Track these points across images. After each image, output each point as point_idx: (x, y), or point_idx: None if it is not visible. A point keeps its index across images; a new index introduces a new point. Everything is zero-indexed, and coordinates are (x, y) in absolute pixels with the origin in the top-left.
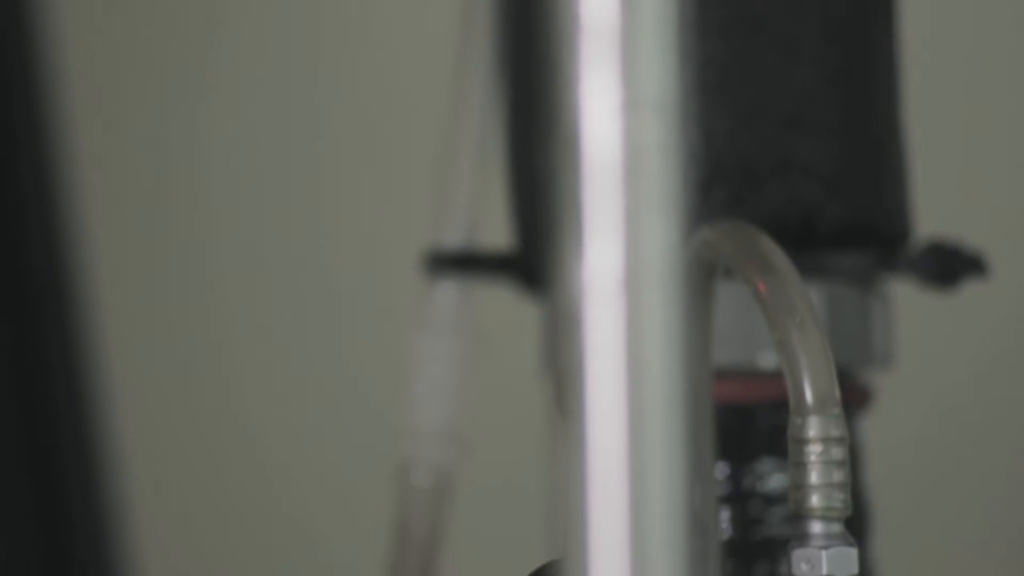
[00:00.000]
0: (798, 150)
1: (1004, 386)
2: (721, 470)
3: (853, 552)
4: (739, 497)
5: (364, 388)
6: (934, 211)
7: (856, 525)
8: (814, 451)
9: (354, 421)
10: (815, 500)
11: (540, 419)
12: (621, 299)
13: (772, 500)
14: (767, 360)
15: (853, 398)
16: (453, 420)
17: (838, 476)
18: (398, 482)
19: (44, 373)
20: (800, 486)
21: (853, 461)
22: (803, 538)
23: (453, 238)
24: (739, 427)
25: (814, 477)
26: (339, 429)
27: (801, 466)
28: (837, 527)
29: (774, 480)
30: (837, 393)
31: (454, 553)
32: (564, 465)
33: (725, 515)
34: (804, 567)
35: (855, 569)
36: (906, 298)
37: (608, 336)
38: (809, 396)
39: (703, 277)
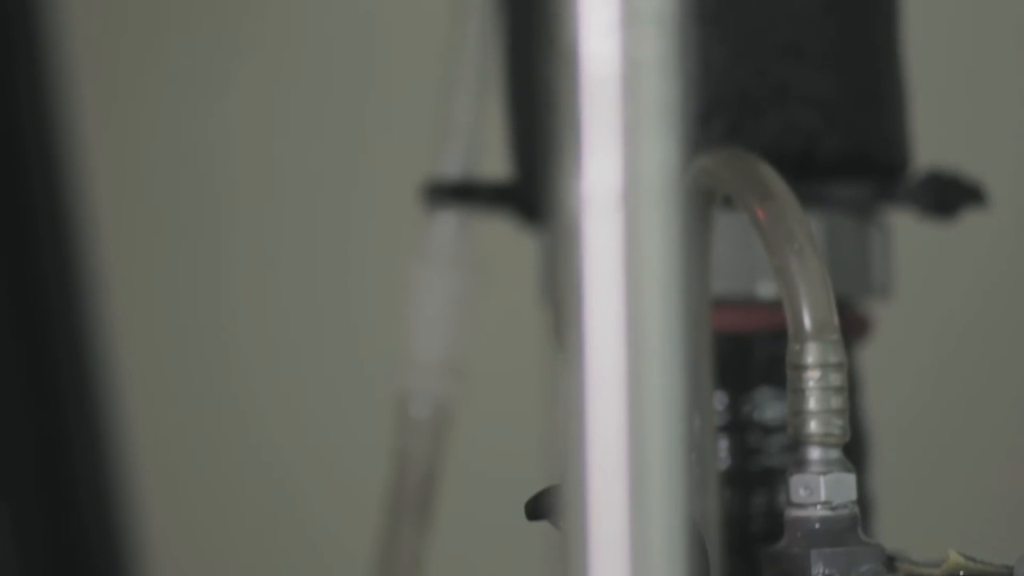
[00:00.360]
0: (796, 79)
1: (1002, 317)
2: (720, 399)
3: (851, 478)
4: (737, 426)
5: (363, 319)
6: (933, 141)
7: (854, 454)
8: (812, 377)
9: (353, 353)
10: (813, 426)
11: (539, 350)
12: (619, 213)
13: (770, 429)
14: (766, 289)
15: (851, 328)
16: (452, 351)
17: (836, 402)
18: (397, 414)
19: (52, 364)
20: (798, 412)
21: (851, 391)
22: (801, 464)
23: (452, 169)
24: (738, 356)
25: (812, 403)
26: (338, 360)
27: (799, 392)
28: (835, 453)
29: (773, 409)
30: (836, 319)
31: (453, 484)
32: (563, 392)
33: (723, 444)
34: (802, 493)
35: (853, 495)
36: (905, 228)
37: (607, 250)
38: (807, 322)
39: (702, 205)
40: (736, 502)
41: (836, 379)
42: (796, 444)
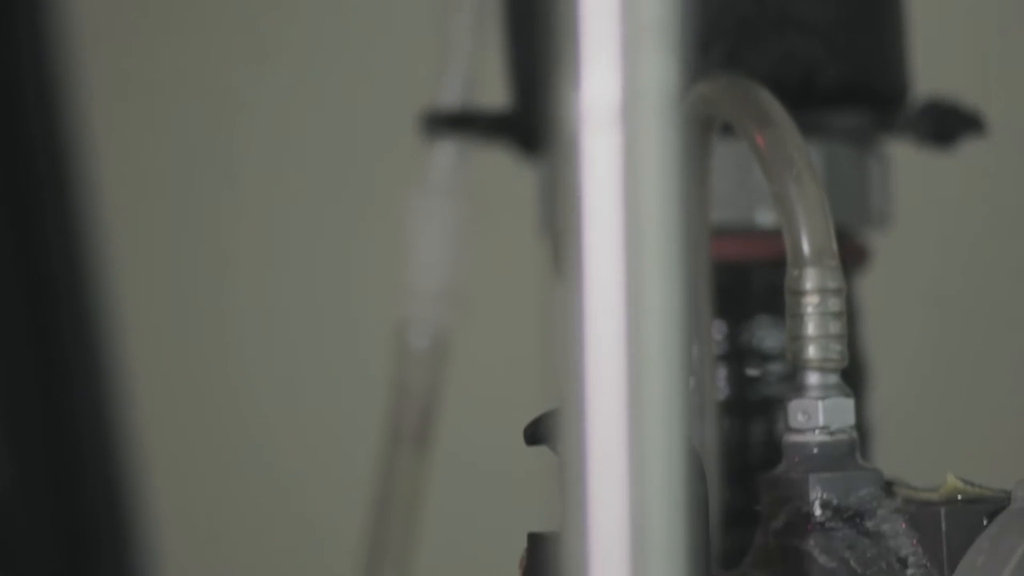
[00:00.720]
0: (795, 7)
1: (1000, 247)
2: (718, 329)
3: (850, 403)
4: (736, 355)
5: (362, 249)
6: (932, 70)
7: (852, 383)
8: (811, 302)
9: (352, 282)
10: (812, 351)
11: (537, 280)
12: (618, 128)
13: (769, 358)
14: (765, 218)
15: (850, 257)
16: (451, 281)
17: (835, 327)
18: (396, 343)
19: (62, 357)
20: (797, 337)
21: (850, 320)
22: (800, 389)
23: (451, 99)
24: (736, 286)
25: (811, 328)
26: (337, 290)
27: (798, 317)
28: (834, 378)
29: (771, 338)
30: (834, 245)
31: (451, 413)
32: (561, 310)
33: (722, 374)
34: (801, 418)
35: (851, 419)
36: (905, 158)
37: (605, 165)
38: (806, 247)
39: (700, 132)
40: (734, 431)
41: (835, 304)
42: (794, 369)
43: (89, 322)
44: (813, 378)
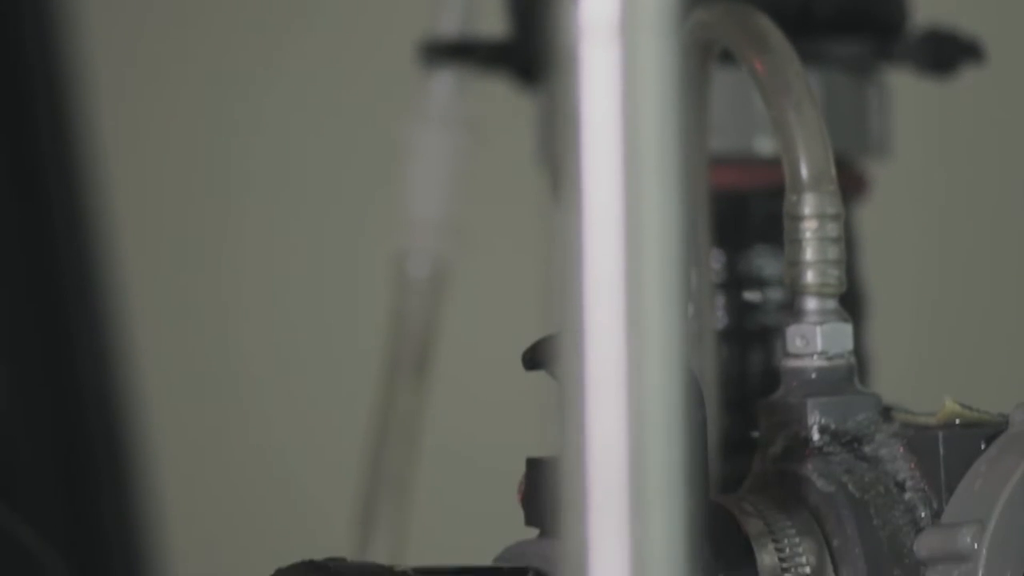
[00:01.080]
0: None
1: (1000, 176)
2: (717, 258)
3: (848, 328)
4: (735, 284)
5: (360, 179)
6: None
7: (851, 312)
8: (809, 228)
9: (351, 213)
10: (810, 276)
11: (535, 209)
12: (617, 42)
13: (768, 287)
14: (763, 146)
15: (849, 186)
16: (449, 210)
17: (833, 253)
18: (394, 273)
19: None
20: (795, 263)
21: (849, 249)
22: (798, 314)
23: (449, 27)
24: (735, 214)
25: (809, 254)
26: (336, 221)
27: (796, 243)
28: (832, 303)
29: (770, 267)
30: (833, 170)
31: (450, 343)
32: (560, 230)
33: (720, 302)
34: (799, 343)
35: (850, 344)
36: (904, 87)
37: (604, 78)
38: (805, 173)
39: (699, 58)
40: (733, 360)
41: (833, 230)
42: (793, 295)
43: (88, 261)
44: (811, 303)
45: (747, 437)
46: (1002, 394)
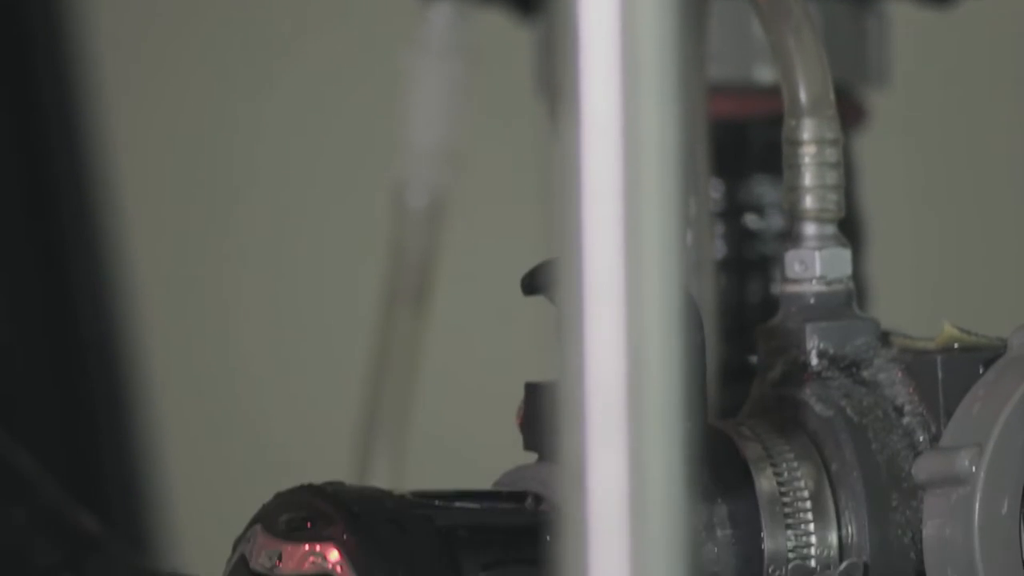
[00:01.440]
0: None
1: (997, 106)
2: (715, 187)
3: (846, 253)
4: (733, 213)
5: (359, 110)
6: None
7: (850, 242)
8: (808, 153)
9: (349, 143)
10: (809, 201)
11: (534, 139)
12: None
13: (766, 216)
14: (762, 74)
15: (848, 115)
16: (447, 140)
17: (832, 178)
18: (393, 202)
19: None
20: (794, 188)
21: (848, 179)
22: (797, 239)
23: None
24: (734, 143)
25: (808, 179)
26: (335, 150)
27: (795, 168)
28: (831, 228)
29: (769, 196)
30: (831, 95)
31: (449, 273)
32: (559, 154)
33: (719, 231)
34: (797, 268)
35: (848, 269)
36: (903, 17)
37: (603, 8)
38: (803, 97)
39: None
40: (731, 289)
41: (832, 155)
42: (791, 220)
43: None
44: (810, 228)
45: (746, 366)
46: (1000, 319)
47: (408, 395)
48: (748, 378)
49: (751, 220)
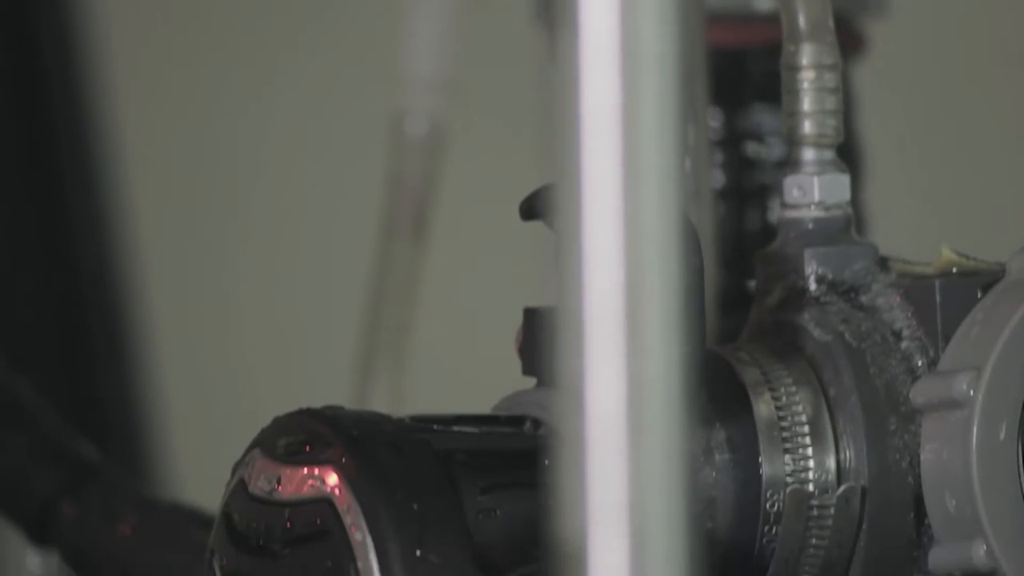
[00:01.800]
0: None
1: (996, 36)
2: (714, 115)
3: (845, 178)
4: (732, 142)
5: (358, 39)
6: None
7: (849, 169)
8: (807, 78)
9: (348, 72)
10: (807, 126)
11: (532, 67)
12: None
13: (765, 145)
14: (761, 2)
15: (848, 45)
16: (447, 68)
17: (830, 103)
18: (391, 131)
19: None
20: (793, 113)
21: (847, 108)
22: (795, 165)
23: None
24: (733, 72)
25: (807, 104)
26: (333, 80)
27: (794, 93)
28: (829, 154)
29: (767, 125)
30: (830, 20)
31: (447, 201)
32: (558, 86)
33: (718, 160)
34: (796, 193)
35: (847, 195)
36: None
37: None
38: (802, 22)
39: None
40: (730, 218)
41: (831, 80)
42: (790, 146)
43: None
44: (808, 154)
45: (745, 294)
46: (999, 243)
47: (407, 322)
48: (747, 307)
49: (751, 148)
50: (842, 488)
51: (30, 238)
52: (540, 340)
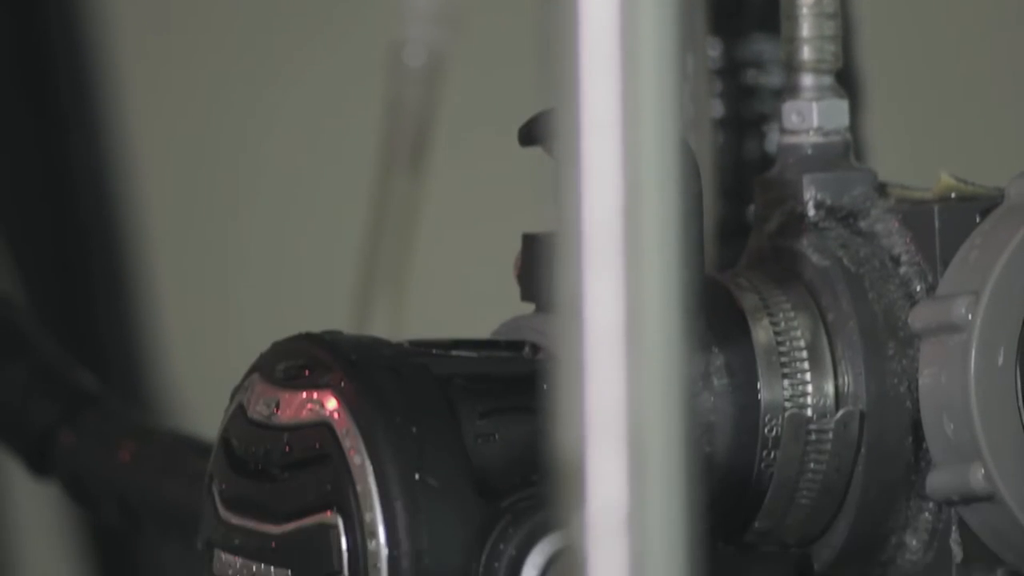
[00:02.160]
0: None
1: None
2: (713, 45)
3: (844, 104)
4: (731, 71)
5: None
6: None
7: (848, 95)
8: (805, 3)
9: (347, 2)
10: (806, 52)
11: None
12: None
13: (764, 74)
14: None
15: None
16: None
17: (829, 28)
18: (389, 61)
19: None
20: (791, 39)
21: (846, 33)
22: (794, 91)
23: None
24: (731, 1)
25: (806, 29)
26: (333, 8)
27: (793, 19)
28: (828, 79)
29: (767, 54)
30: None
31: (446, 131)
32: (556, 17)
33: (717, 89)
34: (795, 119)
35: (846, 121)
36: None
37: None
38: None
39: None
40: (728, 148)
41: (829, 4)
42: (789, 72)
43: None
44: (807, 79)
45: (743, 224)
46: (998, 168)
47: (406, 249)
48: (745, 235)
49: (749, 75)
50: (840, 412)
51: (33, 181)
52: (539, 266)
